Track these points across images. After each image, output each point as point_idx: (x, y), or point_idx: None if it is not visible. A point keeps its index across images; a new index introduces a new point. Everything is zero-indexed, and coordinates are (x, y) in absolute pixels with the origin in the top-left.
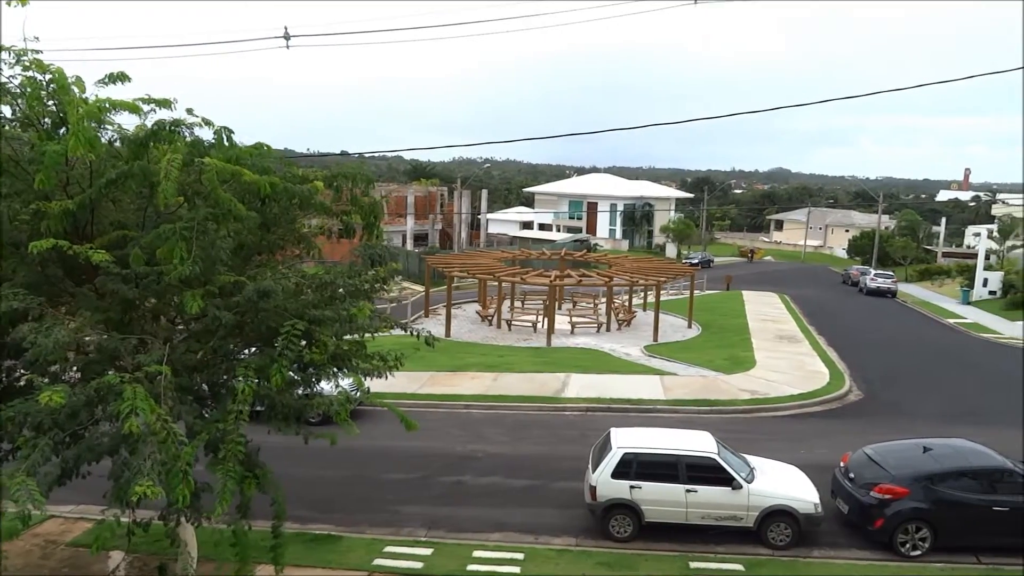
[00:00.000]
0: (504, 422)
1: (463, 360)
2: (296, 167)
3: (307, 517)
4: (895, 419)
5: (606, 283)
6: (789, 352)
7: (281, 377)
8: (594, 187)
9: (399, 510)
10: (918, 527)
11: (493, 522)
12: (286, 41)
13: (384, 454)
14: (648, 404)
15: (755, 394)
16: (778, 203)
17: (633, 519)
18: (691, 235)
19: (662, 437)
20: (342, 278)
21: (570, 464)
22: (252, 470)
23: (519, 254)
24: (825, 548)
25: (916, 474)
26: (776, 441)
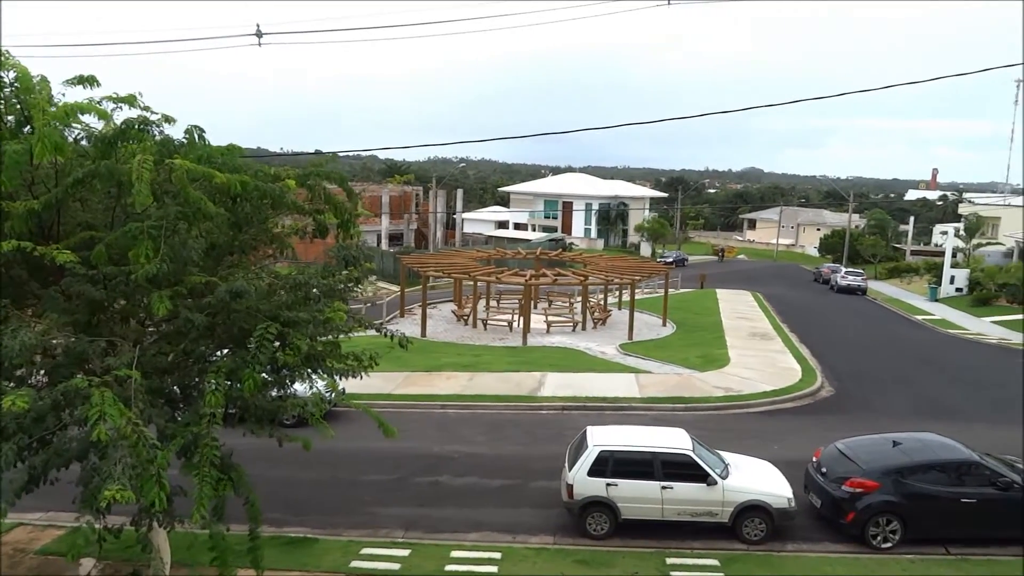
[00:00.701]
0: (480, 422)
1: (439, 360)
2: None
3: (282, 520)
4: (866, 414)
5: (581, 282)
6: (762, 350)
7: (253, 383)
8: (569, 187)
9: (376, 511)
10: (888, 520)
11: (471, 522)
12: (258, 39)
13: (360, 455)
14: (624, 402)
15: (729, 391)
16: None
17: (610, 517)
18: (665, 234)
19: (638, 435)
20: (316, 278)
21: (547, 463)
22: (226, 473)
23: (494, 253)
24: (798, 542)
25: (886, 468)
26: (749, 437)
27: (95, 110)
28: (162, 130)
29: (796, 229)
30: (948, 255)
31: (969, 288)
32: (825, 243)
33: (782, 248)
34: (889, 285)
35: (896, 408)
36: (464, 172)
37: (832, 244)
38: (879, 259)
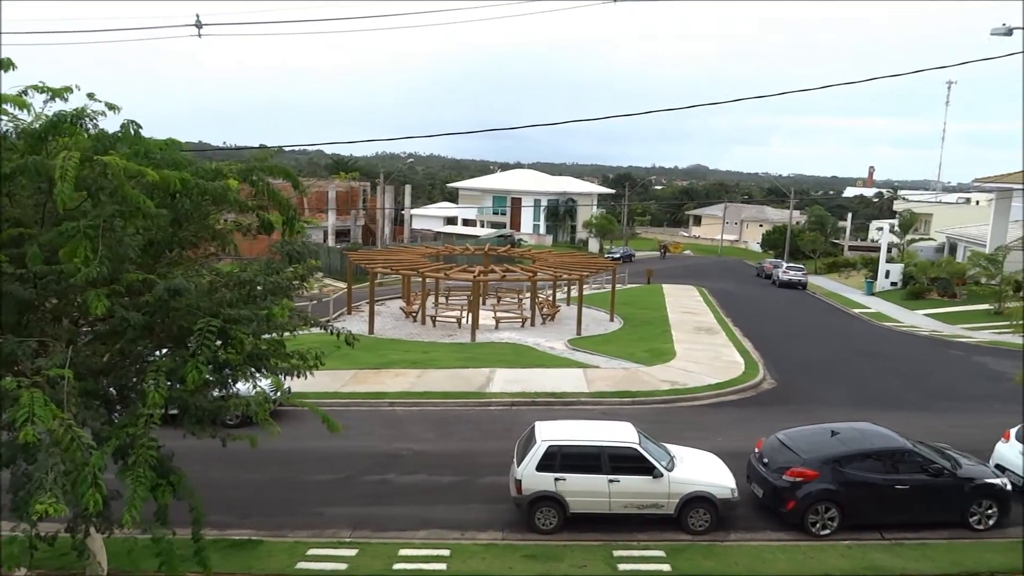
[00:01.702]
0: (429, 419)
1: (387, 357)
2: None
3: (225, 523)
4: (806, 405)
5: (530, 278)
6: (707, 343)
7: (198, 374)
8: (518, 183)
9: (323, 511)
10: (827, 507)
11: (419, 520)
12: (198, 29)
13: (306, 455)
14: (572, 397)
15: (675, 385)
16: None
17: (558, 511)
18: (613, 230)
19: (585, 429)
20: (260, 275)
21: (496, 459)
22: (166, 476)
23: (443, 250)
24: (741, 531)
25: (824, 457)
26: (695, 430)
27: (13, 99)
28: (96, 123)
29: (740, 225)
30: (883, 250)
31: (903, 282)
32: (767, 239)
33: (727, 244)
34: (828, 279)
35: (835, 399)
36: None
37: (774, 240)
38: (819, 254)
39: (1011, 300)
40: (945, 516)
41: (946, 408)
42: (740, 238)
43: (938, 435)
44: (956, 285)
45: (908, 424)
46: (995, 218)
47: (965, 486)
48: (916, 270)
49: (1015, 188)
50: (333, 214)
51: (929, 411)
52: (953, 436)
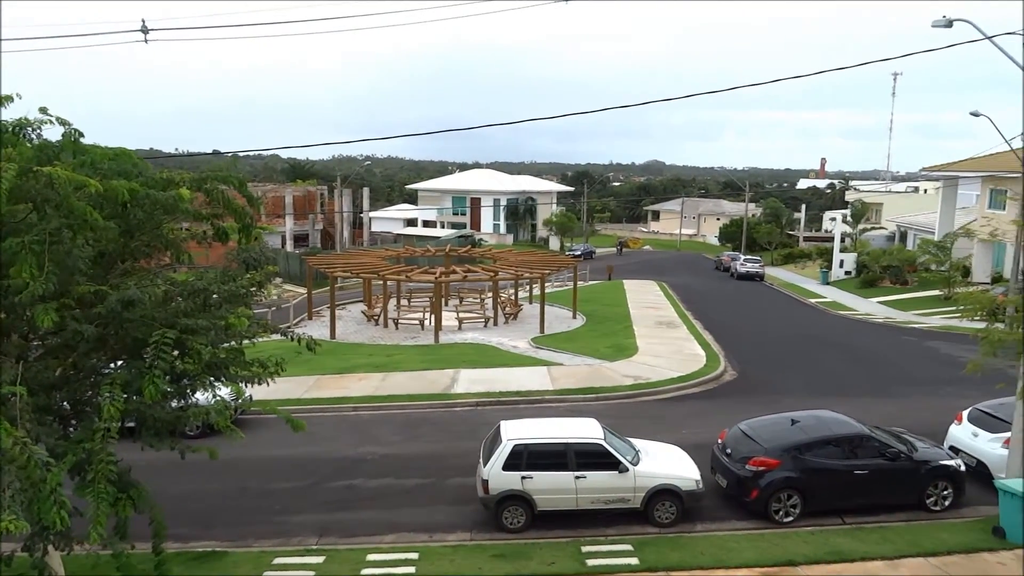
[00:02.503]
0: (394, 422)
1: (350, 361)
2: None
3: (188, 535)
4: (767, 395)
5: (492, 277)
6: (669, 337)
7: (155, 388)
8: (477, 183)
9: (288, 519)
10: (789, 495)
11: (386, 524)
12: (144, 35)
13: (270, 463)
14: (537, 395)
15: (638, 379)
16: (654, 194)
17: (526, 509)
18: (573, 227)
19: (550, 427)
20: (215, 284)
21: (462, 460)
22: (125, 490)
23: (404, 252)
24: (707, 522)
25: (786, 445)
26: (659, 423)
27: None
28: (39, 133)
29: (697, 219)
30: (837, 240)
31: (857, 271)
32: (725, 232)
33: (685, 238)
34: (784, 270)
35: (795, 387)
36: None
37: (731, 232)
38: (775, 246)
39: (959, 286)
40: (903, 499)
41: (901, 393)
42: (698, 232)
43: (894, 420)
44: (907, 272)
45: (865, 410)
46: (942, 206)
47: (921, 469)
48: (869, 259)
49: (961, 176)
50: (291, 219)
51: (885, 396)
52: (908, 420)
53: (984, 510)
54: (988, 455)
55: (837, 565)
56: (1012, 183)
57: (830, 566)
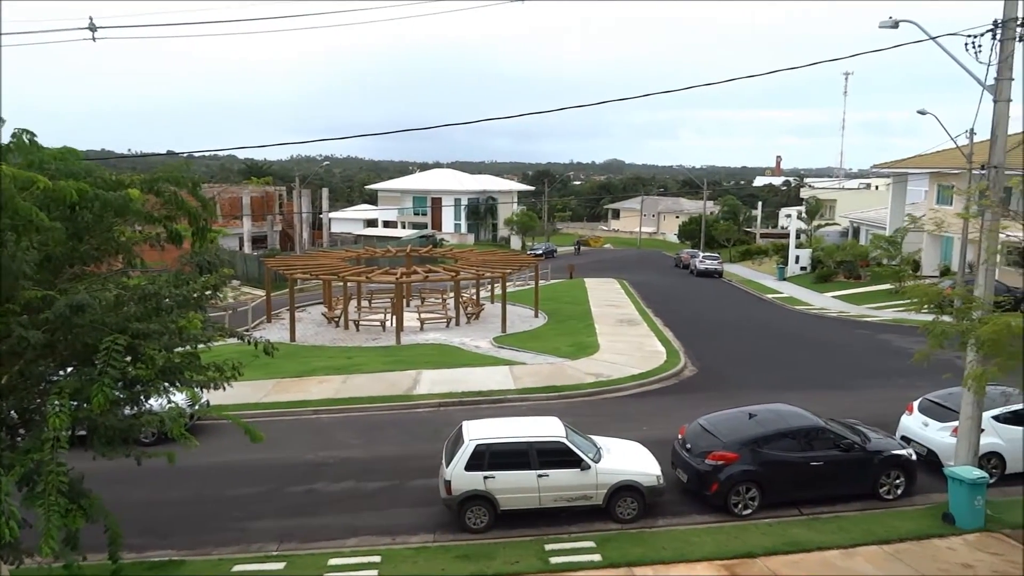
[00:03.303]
0: (356, 425)
1: (310, 364)
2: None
3: (144, 544)
4: (726, 390)
5: (453, 277)
6: (629, 335)
7: (104, 397)
8: (438, 182)
9: (247, 526)
10: (748, 488)
11: (348, 528)
12: (92, 33)
13: (229, 469)
14: (499, 395)
15: (599, 377)
16: (614, 193)
17: (489, 509)
18: (534, 227)
19: (512, 426)
20: (168, 287)
21: (425, 461)
22: (77, 500)
23: (364, 253)
24: (668, 517)
25: (744, 439)
26: (620, 420)
27: None
28: None
29: (657, 217)
30: (792, 237)
31: (812, 266)
32: (684, 229)
33: (645, 236)
34: (742, 267)
35: (753, 382)
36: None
37: (690, 230)
38: (732, 243)
39: (909, 279)
40: (857, 488)
41: (855, 385)
42: (658, 230)
43: (848, 411)
44: (860, 267)
45: (821, 402)
46: (892, 202)
47: (874, 459)
48: (823, 254)
49: (909, 173)
50: (248, 220)
51: (840, 389)
52: (862, 411)
53: (935, 497)
54: (938, 444)
55: (795, 555)
56: (958, 179)
57: (788, 556)
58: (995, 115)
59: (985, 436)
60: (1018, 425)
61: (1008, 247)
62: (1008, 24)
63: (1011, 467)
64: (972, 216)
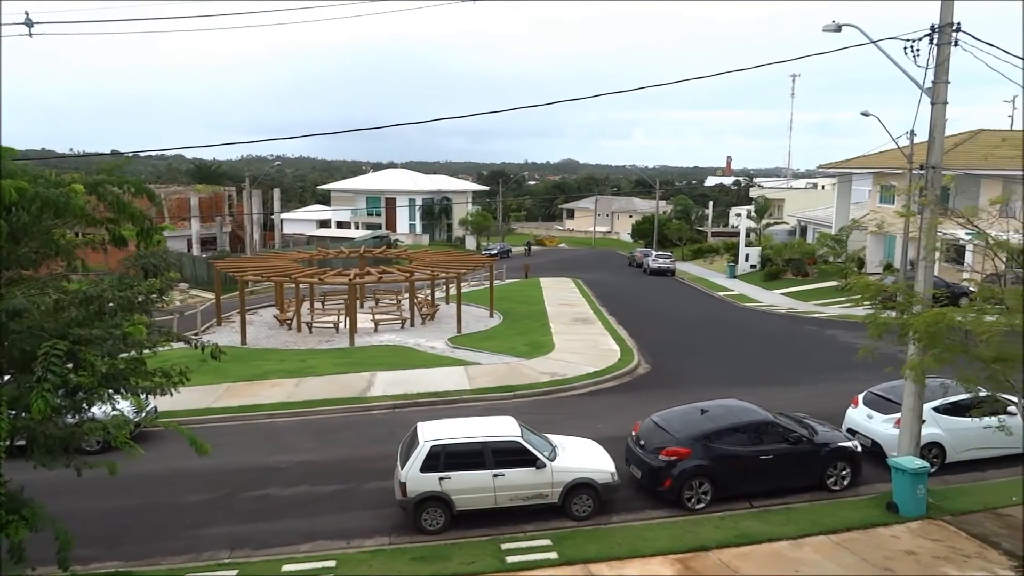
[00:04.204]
0: (309, 428)
1: (262, 368)
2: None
3: (91, 556)
4: (679, 386)
5: (407, 278)
6: (584, 333)
7: (44, 403)
8: (391, 183)
9: (199, 534)
10: (700, 482)
11: (302, 533)
12: (28, 28)
13: (179, 476)
14: (454, 395)
15: (554, 376)
16: (568, 193)
17: (445, 510)
18: (489, 227)
19: (467, 426)
20: (111, 291)
21: (380, 464)
22: (17, 511)
23: (317, 254)
24: (623, 513)
25: (696, 435)
26: (576, 418)
27: None
28: None
29: (611, 216)
30: (742, 235)
31: (761, 264)
32: (637, 228)
33: (600, 235)
34: (694, 265)
35: (705, 378)
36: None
37: (643, 229)
38: (685, 242)
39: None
40: (806, 480)
41: (803, 380)
42: (612, 229)
43: (797, 405)
44: (808, 265)
45: (770, 397)
46: (837, 201)
47: (822, 451)
48: (772, 252)
49: (853, 173)
50: (197, 222)
51: (789, 383)
52: (810, 405)
53: (879, 487)
54: (881, 435)
55: (746, 547)
56: (899, 179)
57: (740, 548)
58: (932, 117)
59: (926, 427)
60: (957, 415)
61: (946, 244)
62: (944, 29)
63: (951, 456)
64: (911, 214)
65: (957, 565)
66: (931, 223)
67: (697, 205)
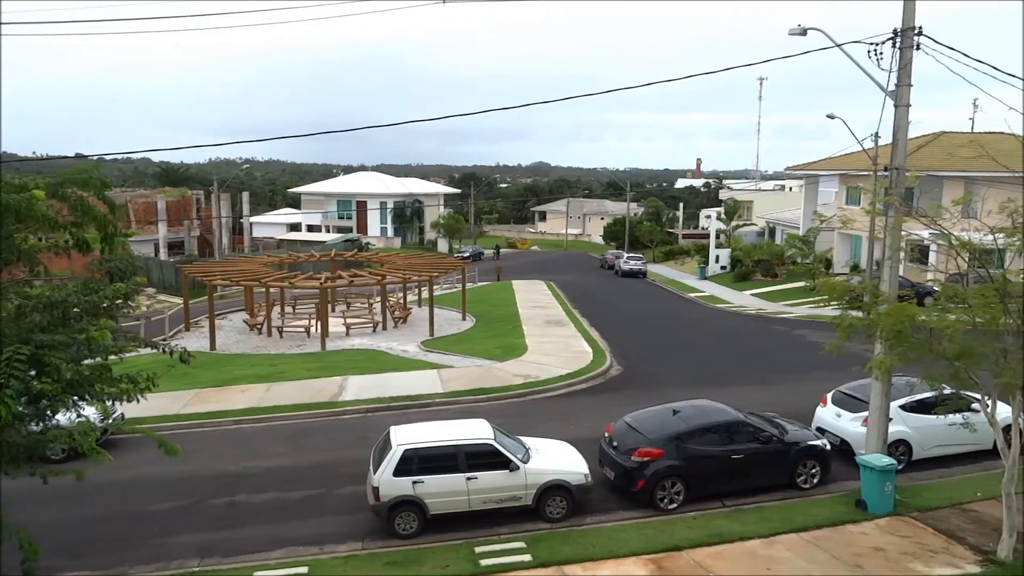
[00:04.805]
0: (280, 434)
1: (231, 373)
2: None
3: (57, 566)
4: (651, 388)
5: (379, 282)
6: (557, 336)
7: (7, 410)
8: (363, 186)
9: (167, 542)
10: (673, 482)
11: (274, 539)
12: None
13: (147, 483)
14: (427, 399)
15: (528, 378)
16: (540, 195)
17: (418, 514)
18: (461, 229)
19: (440, 430)
20: (76, 295)
21: (352, 468)
22: None
23: (287, 258)
24: (596, 514)
25: (668, 435)
26: (549, 420)
27: None
28: None
29: (583, 219)
30: (712, 237)
31: (731, 265)
32: (609, 231)
33: (571, 237)
34: (665, 267)
35: (677, 379)
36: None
37: (615, 231)
38: (656, 243)
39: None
40: (776, 479)
41: (773, 379)
42: (584, 231)
43: (767, 405)
44: (776, 265)
45: (741, 397)
46: (805, 203)
47: (792, 450)
48: (742, 254)
49: (820, 175)
50: (164, 225)
51: (759, 383)
52: (780, 404)
53: (848, 485)
54: (850, 433)
55: (719, 547)
56: (864, 180)
57: (712, 548)
58: (896, 119)
59: (893, 425)
60: (923, 413)
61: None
62: (906, 33)
63: (918, 453)
64: (876, 213)
65: (924, 561)
66: (896, 223)
67: (668, 207)
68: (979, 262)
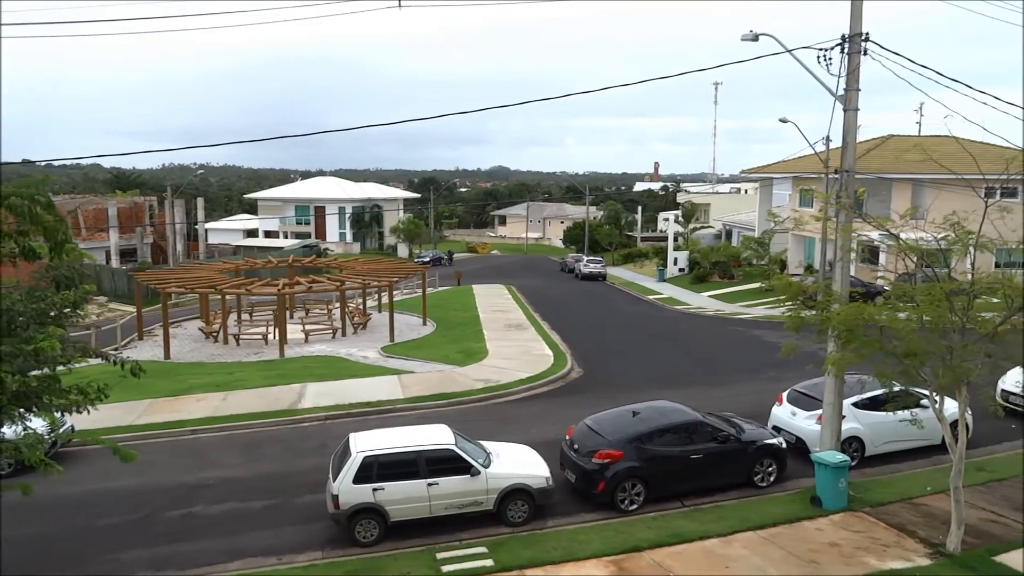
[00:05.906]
0: (237, 443)
1: (186, 382)
2: None
3: None
4: (611, 390)
5: (338, 287)
6: (517, 339)
7: None
8: (321, 191)
9: (118, 557)
10: (633, 484)
11: (230, 551)
12: None
13: (97, 497)
14: (387, 405)
15: (488, 382)
16: (500, 199)
17: (379, 522)
18: (421, 234)
19: (400, 436)
20: (22, 303)
21: (311, 477)
22: None
23: (243, 264)
24: (558, 517)
25: (628, 437)
26: (510, 424)
27: None
28: None
29: (543, 223)
30: (670, 239)
31: (689, 267)
32: (569, 234)
33: (532, 241)
34: (625, 270)
35: (637, 380)
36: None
37: (574, 235)
38: (615, 247)
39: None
40: (734, 478)
41: (730, 379)
42: (544, 235)
43: (725, 404)
44: (733, 267)
45: (699, 397)
46: (760, 205)
47: (749, 449)
48: (699, 256)
49: (774, 177)
50: (115, 232)
51: (717, 383)
52: (737, 404)
53: (804, 482)
54: (805, 432)
55: (679, 546)
56: (816, 183)
57: (672, 548)
58: (845, 123)
59: (846, 422)
60: (875, 410)
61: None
62: (854, 39)
63: (870, 450)
64: (827, 218)
65: (877, 555)
66: (846, 225)
67: (626, 210)
68: (926, 262)
